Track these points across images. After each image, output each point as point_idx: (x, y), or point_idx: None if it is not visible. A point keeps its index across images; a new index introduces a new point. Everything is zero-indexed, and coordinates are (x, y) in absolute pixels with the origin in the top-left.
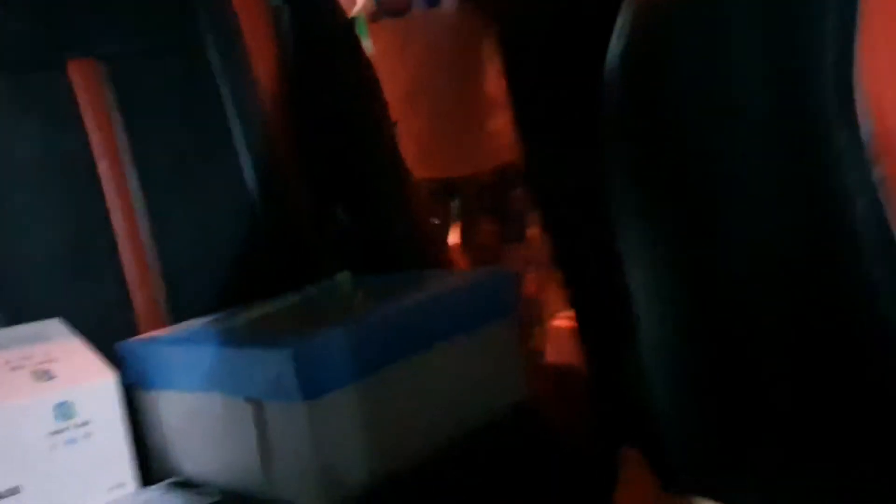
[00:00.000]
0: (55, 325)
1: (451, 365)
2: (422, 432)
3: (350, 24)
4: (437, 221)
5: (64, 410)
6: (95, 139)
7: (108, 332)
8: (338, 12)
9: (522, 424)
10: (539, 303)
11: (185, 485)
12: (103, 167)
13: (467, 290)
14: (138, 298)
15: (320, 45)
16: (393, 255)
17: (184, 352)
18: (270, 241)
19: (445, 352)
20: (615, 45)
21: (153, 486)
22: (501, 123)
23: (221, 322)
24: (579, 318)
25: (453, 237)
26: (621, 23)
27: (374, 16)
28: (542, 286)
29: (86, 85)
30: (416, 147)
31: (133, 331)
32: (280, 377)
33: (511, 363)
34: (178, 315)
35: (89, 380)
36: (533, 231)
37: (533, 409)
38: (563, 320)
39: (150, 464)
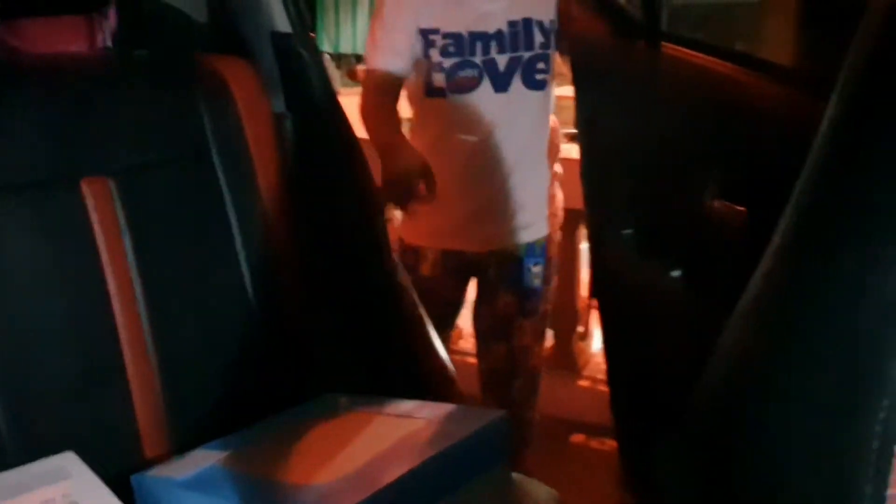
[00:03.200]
0: (71, 460)
1: None
2: None
3: (351, 131)
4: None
5: None
6: (105, 257)
7: (113, 450)
8: (340, 120)
9: None
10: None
11: None
12: (112, 284)
13: (464, 442)
14: (142, 414)
15: (322, 152)
16: (386, 374)
17: (199, 502)
18: (269, 351)
19: None
20: None
21: None
22: (537, 201)
23: (229, 464)
24: None
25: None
26: None
27: (438, 91)
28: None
29: (97, 203)
30: (455, 220)
31: (137, 448)
32: None
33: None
34: (179, 431)
35: None
36: (546, 307)
37: None
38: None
39: None
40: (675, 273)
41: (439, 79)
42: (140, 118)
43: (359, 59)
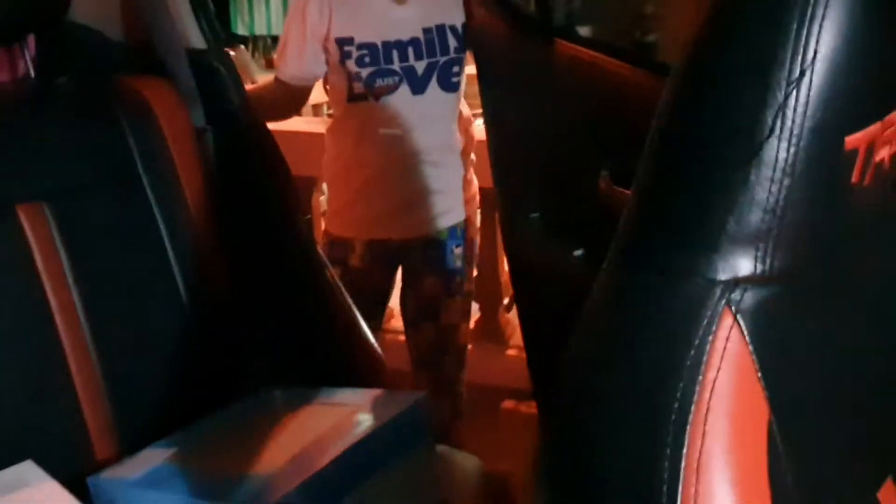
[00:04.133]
0: (30, 468)
1: (378, 499)
2: None
3: (269, 136)
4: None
5: None
6: (45, 277)
7: (66, 456)
8: (258, 129)
9: None
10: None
11: None
12: (54, 302)
13: (388, 424)
14: (91, 420)
15: (244, 162)
16: (316, 359)
17: (153, 498)
18: (205, 352)
19: (373, 487)
20: None
21: None
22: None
23: (177, 461)
24: None
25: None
26: None
27: (359, 96)
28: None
29: (34, 227)
30: (380, 212)
31: (89, 452)
32: None
33: (428, 483)
34: (127, 433)
35: None
36: (469, 286)
37: None
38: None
39: None
40: (578, 252)
41: (359, 87)
42: (68, 143)
43: (275, 40)
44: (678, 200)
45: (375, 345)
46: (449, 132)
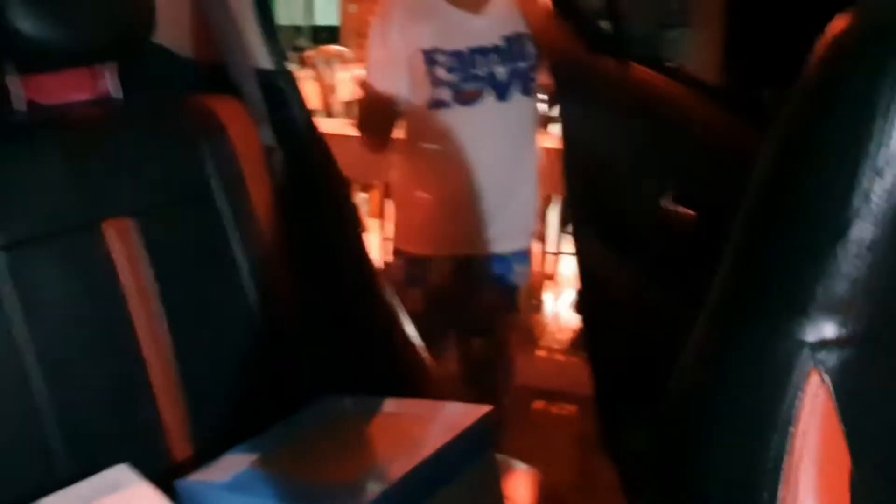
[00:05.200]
0: (125, 471)
1: None
2: None
3: (331, 154)
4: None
5: None
6: (128, 289)
7: (147, 456)
8: (322, 149)
9: None
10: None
11: None
12: (136, 312)
13: (461, 436)
14: (169, 423)
15: (308, 180)
16: (370, 367)
17: (240, 502)
18: (272, 359)
19: (445, 497)
20: None
21: None
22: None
23: (261, 466)
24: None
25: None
26: None
27: (441, 103)
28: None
29: (120, 241)
30: (463, 227)
31: (167, 452)
32: None
33: (493, 493)
34: (200, 435)
35: None
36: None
37: None
38: None
39: None
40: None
41: (445, 93)
42: (151, 161)
43: (298, 30)
44: (772, 270)
45: (424, 354)
46: (531, 142)
